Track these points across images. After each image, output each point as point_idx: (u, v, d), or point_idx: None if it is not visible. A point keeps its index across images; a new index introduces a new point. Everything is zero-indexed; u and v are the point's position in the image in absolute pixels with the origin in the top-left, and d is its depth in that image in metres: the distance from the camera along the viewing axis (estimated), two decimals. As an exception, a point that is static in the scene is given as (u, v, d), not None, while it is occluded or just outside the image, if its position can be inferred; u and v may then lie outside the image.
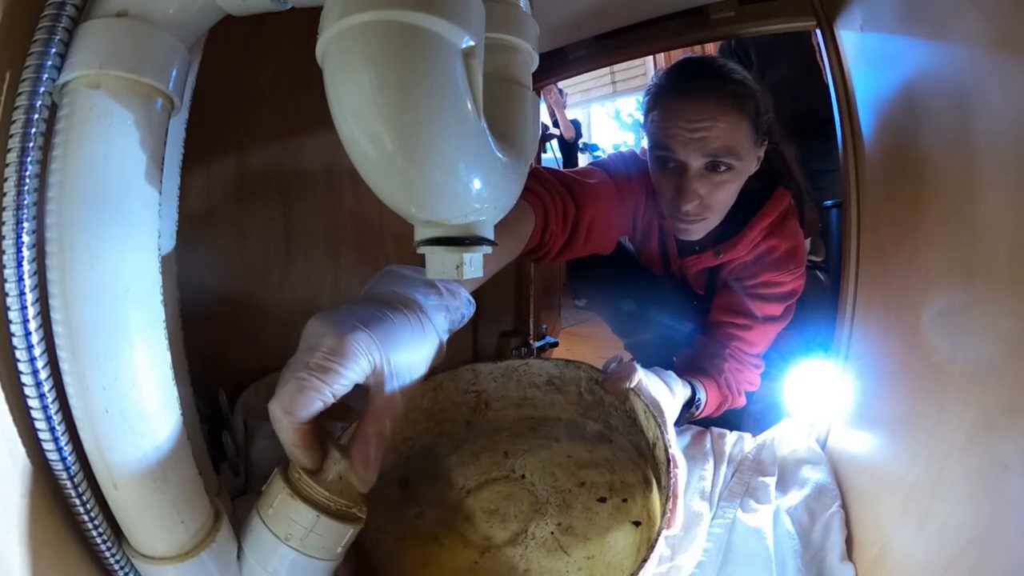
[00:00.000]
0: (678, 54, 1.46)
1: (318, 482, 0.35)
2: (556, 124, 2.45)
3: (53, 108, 0.28)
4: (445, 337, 0.41)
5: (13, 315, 0.27)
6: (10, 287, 0.27)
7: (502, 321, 1.09)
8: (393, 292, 0.40)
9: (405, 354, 0.36)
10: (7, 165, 0.26)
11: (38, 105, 0.27)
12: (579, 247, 0.73)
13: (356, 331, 0.34)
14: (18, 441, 0.28)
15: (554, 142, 2.39)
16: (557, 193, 0.67)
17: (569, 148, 2.50)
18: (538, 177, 0.69)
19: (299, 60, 0.70)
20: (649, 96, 0.78)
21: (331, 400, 0.33)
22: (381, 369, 0.35)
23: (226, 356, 0.69)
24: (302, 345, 0.35)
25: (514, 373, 0.60)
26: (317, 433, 0.35)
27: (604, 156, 0.93)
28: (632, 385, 0.51)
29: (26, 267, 0.27)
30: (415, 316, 0.38)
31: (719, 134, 0.69)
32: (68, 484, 0.29)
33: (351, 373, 0.33)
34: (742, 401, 0.80)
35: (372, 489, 0.36)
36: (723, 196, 0.74)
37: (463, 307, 0.44)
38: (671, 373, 0.61)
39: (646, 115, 0.78)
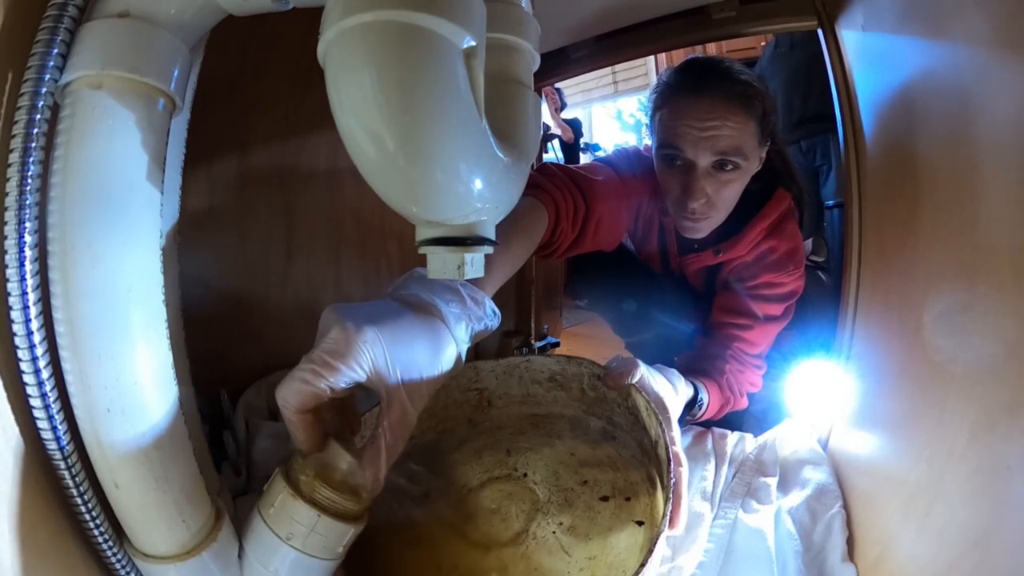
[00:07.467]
0: (679, 54, 1.47)
1: (320, 482, 0.35)
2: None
3: (55, 109, 0.28)
4: (464, 347, 0.41)
5: (15, 315, 0.27)
6: (12, 287, 0.27)
7: (504, 321, 1.09)
8: (415, 295, 0.39)
9: (413, 357, 0.36)
10: (9, 165, 0.26)
11: (40, 106, 0.27)
12: (587, 244, 0.73)
13: (362, 327, 0.34)
14: (20, 440, 0.28)
15: (555, 142, 2.39)
16: (568, 190, 0.67)
17: (570, 148, 2.50)
18: (548, 174, 0.68)
19: (300, 60, 0.70)
20: (656, 94, 0.77)
21: (327, 393, 0.33)
22: (383, 370, 0.35)
23: (227, 356, 0.69)
24: (318, 334, 0.35)
25: (516, 370, 0.60)
26: (319, 419, 0.35)
27: (607, 153, 0.92)
28: (634, 381, 0.50)
29: (28, 267, 0.27)
30: (431, 321, 0.38)
31: (728, 133, 0.69)
32: (70, 483, 0.29)
33: (351, 371, 0.33)
34: (744, 403, 0.79)
35: None
36: (728, 195, 0.74)
37: (488, 318, 0.43)
38: (674, 371, 0.61)
39: (653, 113, 0.78)
